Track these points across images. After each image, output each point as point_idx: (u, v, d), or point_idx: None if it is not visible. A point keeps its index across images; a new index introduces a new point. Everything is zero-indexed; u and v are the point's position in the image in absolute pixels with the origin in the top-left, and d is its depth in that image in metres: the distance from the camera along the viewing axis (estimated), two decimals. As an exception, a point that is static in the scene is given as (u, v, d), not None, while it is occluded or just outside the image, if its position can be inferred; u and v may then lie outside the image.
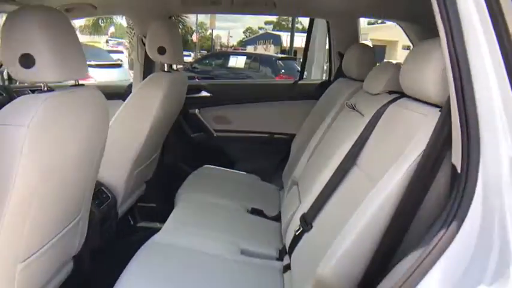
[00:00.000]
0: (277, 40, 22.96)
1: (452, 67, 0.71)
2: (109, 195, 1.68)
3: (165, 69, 1.89)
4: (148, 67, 2.22)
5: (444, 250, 0.69)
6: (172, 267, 1.26)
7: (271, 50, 21.30)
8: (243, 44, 29.92)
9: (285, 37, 20.24)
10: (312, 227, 1.25)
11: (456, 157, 0.74)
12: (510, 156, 0.66)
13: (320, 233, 1.20)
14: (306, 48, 2.63)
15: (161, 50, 1.77)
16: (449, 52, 0.71)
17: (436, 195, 0.83)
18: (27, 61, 0.96)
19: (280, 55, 10.90)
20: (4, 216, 0.94)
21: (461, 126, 0.71)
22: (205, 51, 22.39)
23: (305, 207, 1.32)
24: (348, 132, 1.33)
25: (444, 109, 0.79)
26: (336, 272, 0.91)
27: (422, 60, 0.94)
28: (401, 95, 1.17)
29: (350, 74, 1.87)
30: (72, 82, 1.18)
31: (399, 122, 1.07)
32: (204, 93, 2.48)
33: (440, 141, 0.80)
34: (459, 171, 0.71)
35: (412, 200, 0.84)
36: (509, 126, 0.67)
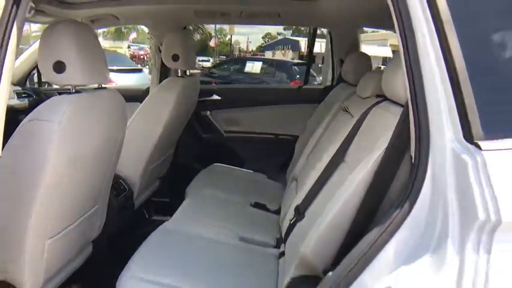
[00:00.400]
0: (295, 46, 23.03)
1: (408, 77, 0.85)
2: (126, 187, 1.86)
3: (179, 75, 2.07)
4: (164, 72, 2.41)
5: (399, 226, 0.82)
6: (177, 249, 1.41)
7: (289, 56, 21.39)
8: (261, 49, 30.11)
9: (303, 42, 20.30)
10: (304, 216, 1.38)
11: (412, 149, 0.87)
12: (451, 147, 0.79)
13: (310, 221, 1.34)
14: (310, 55, 2.78)
15: (175, 58, 1.95)
16: (406, 66, 0.85)
17: (401, 181, 0.97)
18: (59, 67, 1.14)
19: (296, 61, 11.02)
20: (37, 198, 1.12)
21: (415, 125, 0.85)
22: (225, 57, 22.69)
23: (299, 199, 1.46)
24: (339, 132, 1.47)
25: (404, 110, 0.93)
26: (315, 250, 1.05)
27: (395, 68, 1.08)
28: (385, 98, 1.31)
29: (348, 79, 2.01)
30: (95, 85, 1.37)
31: (378, 121, 1.21)
32: (215, 97, 2.67)
33: (401, 137, 0.93)
34: (413, 161, 0.85)
35: (380, 186, 0.98)
36: (452, 124, 0.80)
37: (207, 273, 1.30)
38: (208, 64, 15.92)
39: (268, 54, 23.43)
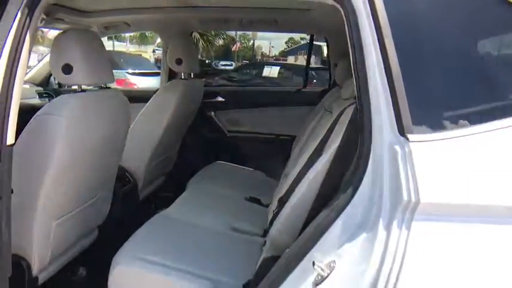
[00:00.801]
0: (317, 50, 22.98)
1: (355, 76, 0.97)
2: (131, 179, 2.04)
3: (182, 77, 2.24)
4: (171, 75, 2.59)
5: (344, 208, 0.94)
6: (170, 234, 1.56)
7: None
8: (284, 54, 30.20)
9: (325, 48, 20.24)
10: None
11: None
12: (388, 139, 0.91)
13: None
14: (308, 61, 2.91)
15: (178, 61, 2.12)
16: (354, 69, 0.97)
17: None
18: (67, 69, 1.32)
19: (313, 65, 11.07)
20: (45, 183, 1.30)
21: (360, 119, 0.97)
22: (247, 61, 22.96)
23: (282, 192, 1.59)
24: (321, 131, 1.59)
25: (355, 106, 1.05)
26: (280, 230, 1.18)
27: None
28: None
29: (339, 83, 2.13)
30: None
31: (347, 119, 1.33)
32: (219, 98, 2.83)
33: (353, 131, 1.05)
34: (358, 151, 0.97)
35: (335, 174, 1.10)
36: (389, 119, 0.92)
37: (193, 254, 1.44)
38: (231, 68, 16.19)
39: (291, 59, 23.49)
